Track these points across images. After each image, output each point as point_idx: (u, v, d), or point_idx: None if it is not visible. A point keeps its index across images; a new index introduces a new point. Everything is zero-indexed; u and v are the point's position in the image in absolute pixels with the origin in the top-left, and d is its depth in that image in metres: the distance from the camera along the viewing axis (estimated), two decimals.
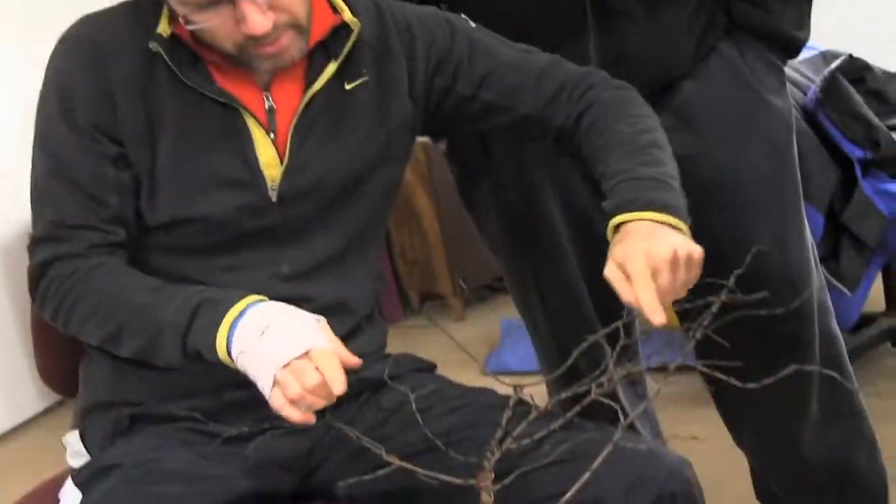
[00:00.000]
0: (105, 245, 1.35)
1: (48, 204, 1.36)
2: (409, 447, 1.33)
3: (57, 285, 1.34)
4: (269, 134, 1.37)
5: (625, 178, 1.35)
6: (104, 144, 1.34)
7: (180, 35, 1.33)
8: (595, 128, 1.45)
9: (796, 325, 1.68)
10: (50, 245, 1.35)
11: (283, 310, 1.25)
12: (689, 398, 2.55)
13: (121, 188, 1.36)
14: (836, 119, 2.38)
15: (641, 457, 1.30)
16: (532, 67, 1.48)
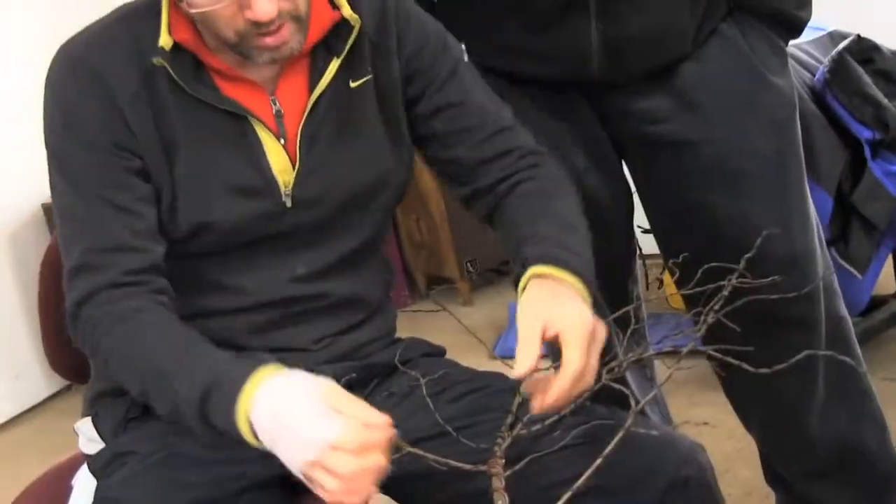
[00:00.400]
0: (139, 271, 1.32)
1: (79, 231, 1.33)
2: (420, 432, 1.33)
3: (89, 330, 1.31)
4: (279, 139, 1.36)
5: (557, 244, 1.33)
6: (127, 159, 1.32)
7: (182, 43, 1.31)
8: (531, 197, 1.42)
9: (802, 306, 1.68)
10: (83, 277, 1.31)
11: (287, 398, 1.17)
12: (698, 382, 2.55)
13: (150, 199, 1.34)
14: (844, 100, 2.37)
15: (654, 442, 1.30)
16: (494, 121, 1.46)
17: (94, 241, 1.32)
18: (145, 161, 1.33)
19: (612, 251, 1.78)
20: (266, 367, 1.20)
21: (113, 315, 1.29)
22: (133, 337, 1.28)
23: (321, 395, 1.16)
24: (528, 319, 1.21)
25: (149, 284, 1.32)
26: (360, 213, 1.44)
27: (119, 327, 1.29)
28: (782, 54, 1.68)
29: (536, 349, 1.18)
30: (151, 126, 1.32)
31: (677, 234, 1.70)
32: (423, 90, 1.44)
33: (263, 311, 1.41)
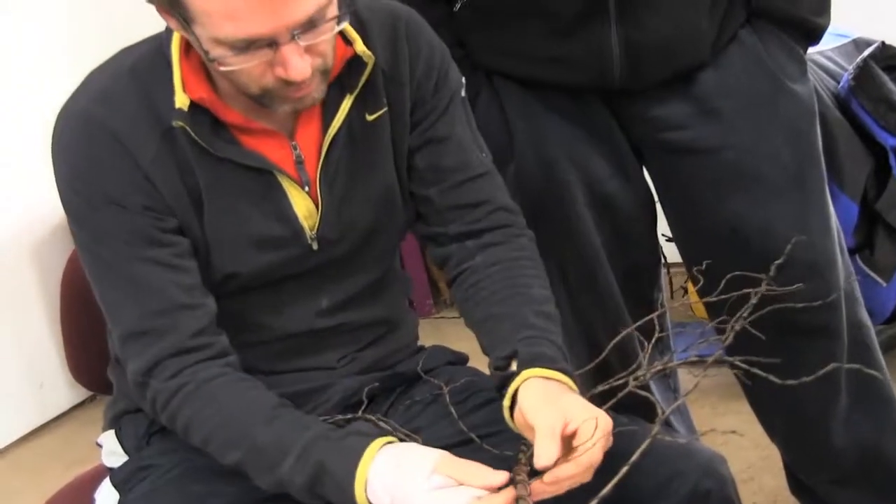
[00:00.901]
0: (200, 332, 1.30)
1: (127, 294, 1.30)
2: (443, 440, 1.33)
3: (162, 401, 1.29)
4: (302, 187, 1.35)
5: (542, 336, 1.32)
6: (163, 219, 1.30)
7: (200, 102, 1.28)
8: (501, 270, 1.40)
9: (823, 314, 1.66)
10: (144, 343, 1.29)
11: (401, 478, 1.16)
12: (721, 391, 2.54)
13: (191, 253, 1.32)
14: (869, 107, 2.35)
15: (676, 452, 1.29)
16: (471, 166, 1.43)
17: (147, 304, 1.29)
18: (178, 218, 1.31)
19: (635, 259, 1.78)
20: (372, 445, 1.19)
21: (187, 388, 1.28)
22: (213, 410, 1.27)
23: (433, 467, 1.15)
24: (549, 418, 1.18)
25: (213, 347, 1.30)
26: (380, 242, 1.44)
27: (196, 401, 1.27)
28: (801, 61, 1.67)
29: (558, 443, 1.16)
30: (178, 184, 1.30)
31: (699, 241, 1.69)
32: (421, 119, 1.42)
33: (287, 342, 1.42)
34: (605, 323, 1.73)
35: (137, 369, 1.30)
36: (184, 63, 1.29)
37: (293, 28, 1.18)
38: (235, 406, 1.27)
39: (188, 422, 1.28)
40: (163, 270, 1.29)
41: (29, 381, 3.34)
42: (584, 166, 1.67)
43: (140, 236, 1.29)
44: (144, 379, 1.30)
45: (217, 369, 1.29)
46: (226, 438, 1.26)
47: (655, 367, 1.26)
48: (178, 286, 1.30)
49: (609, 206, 1.71)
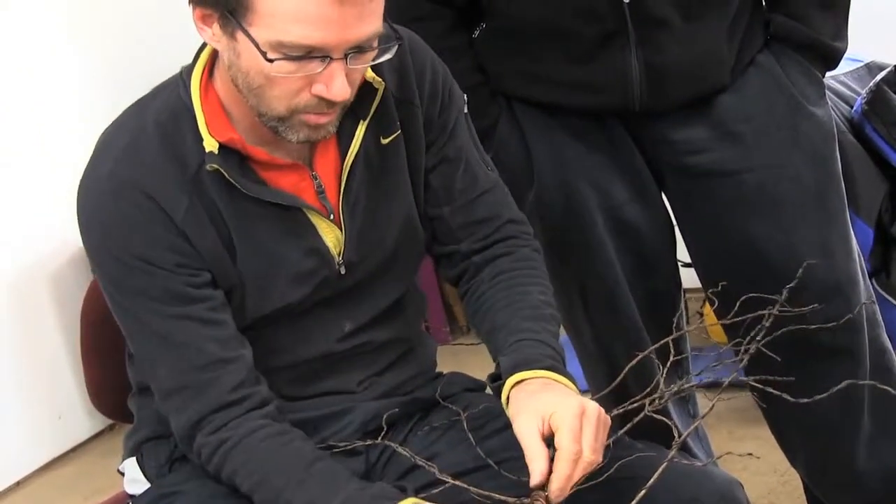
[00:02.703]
0: (240, 385, 1.31)
1: (165, 349, 1.31)
2: (461, 465, 1.34)
3: (207, 454, 1.32)
4: (328, 217, 1.36)
5: (529, 338, 1.34)
6: (197, 274, 1.31)
7: (228, 143, 1.29)
8: (503, 280, 1.43)
9: (845, 336, 1.67)
10: (187, 400, 1.31)
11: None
12: (739, 416, 2.53)
13: (225, 305, 1.33)
14: (882, 131, 2.35)
15: (693, 477, 1.30)
16: (480, 183, 1.46)
17: (185, 360, 1.31)
18: (213, 270, 1.32)
19: (656, 283, 1.78)
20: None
21: (227, 445, 1.30)
22: (251, 468, 1.29)
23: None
24: (524, 424, 1.21)
25: (252, 398, 1.32)
26: (402, 262, 1.45)
27: (236, 457, 1.30)
28: (820, 84, 1.68)
29: (543, 452, 1.18)
30: (212, 232, 1.31)
31: (719, 264, 1.70)
32: (433, 141, 1.43)
33: (308, 366, 1.42)
34: (626, 348, 1.73)
35: (180, 425, 1.33)
36: (205, 106, 1.30)
37: (351, 46, 1.20)
38: (272, 465, 1.28)
39: (231, 476, 1.31)
40: (198, 326, 1.31)
41: (48, 412, 3.34)
42: (603, 191, 1.68)
43: (174, 294, 1.30)
44: (189, 433, 1.32)
45: (256, 422, 1.31)
46: (265, 498, 1.28)
47: (672, 389, 1.26)
48: (214, 341, 1.31)
49: (629, 231, 1.71)
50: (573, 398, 1.22)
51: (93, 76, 3.36)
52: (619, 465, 1.23)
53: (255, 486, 1.29)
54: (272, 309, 1.37)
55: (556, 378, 1.28)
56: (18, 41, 3.21)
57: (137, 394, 1.51)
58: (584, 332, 1.81)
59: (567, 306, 1.77)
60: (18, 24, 3.22)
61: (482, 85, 1.66)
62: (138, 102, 1.36)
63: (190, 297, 1.30)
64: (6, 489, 3.20)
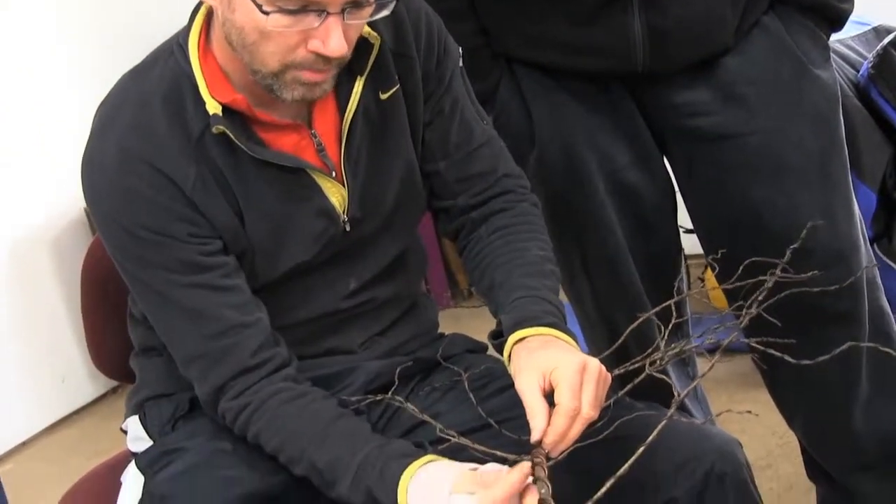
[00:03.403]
0: (260, 348, 1.32)
1: (184, 318, 1.32)
2: (462, 425, 1.34)
3: (231, 418, 1.34)
4: (330, 174, 1.36)
5: (529, 295, 1.34)
6: (208, 243, 1.31)
7: (231, 105, 1.28)
8: (502, 235, 1.43)
9: (846, 300, 1.67)
10: (209, 366, 1.33)
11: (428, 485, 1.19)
12: (738, 380, 2.55)
13: (238, 270, 1.34)
14: (889, 95, 2.34)
15: (692, 436, 1.31)
16: (475, 136, 1.45)
17: (204, 328, 1.32)
18: (223, 236, 1.32)
19: (657, 248, 1.78)
20: (403, 477, 1.21)
21: (250, 408, 1.32)
22: (274, 430, 1.31)
23: (451, 489, 1.17)
24: (525, 381, 1.22)
25: (273, 361, 1.33)
26: (404, 217, 1.45)
27: (259, 419, 1.32)
28: (825, 47, 1.67)
29: (544, 408, 1.19)
30: (221, 201, 1.31)
31: (721, 229, 1.69)
32: (430, 94, 1.43)
33: (314, 323, 1.43)
34: (627, 313, 1.73)
35: (204, 391, 1.34)
36: (205, 70, 1.29)
37: (348, 1, 1.19)
38: (293, 427, 1.30)
39: (256, 437, 1.33)
40: (214, 293, 1.31)
41: (51, 375, 3.36)
42: (605, 154, 1.68)
43: (188, 264, 1.30)
44: (212, 399, 1.34)
45: (278, 385, 1.32)
46: (290, 457, 1.30)
47: (672, 348, 1.26)
48: (231, 307, 1.32)
49: (630, 195, 1.71)
50: (574, 354, 1.23)
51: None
52: (620, 424, 1.24)
53: (280, 446, 1.31)
54: (282, 271, 1.37)
55: (557, 335, 1.29)
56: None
57: (139, 354, 1.52)
58: (584, 297, 1.82)
59: (568, 270, 1.77)
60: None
61: (483, 47, 1.65)
62: (136, 72, 1.35)
63: (204, 266, 1.31)
64: (10, 450, 3.23)
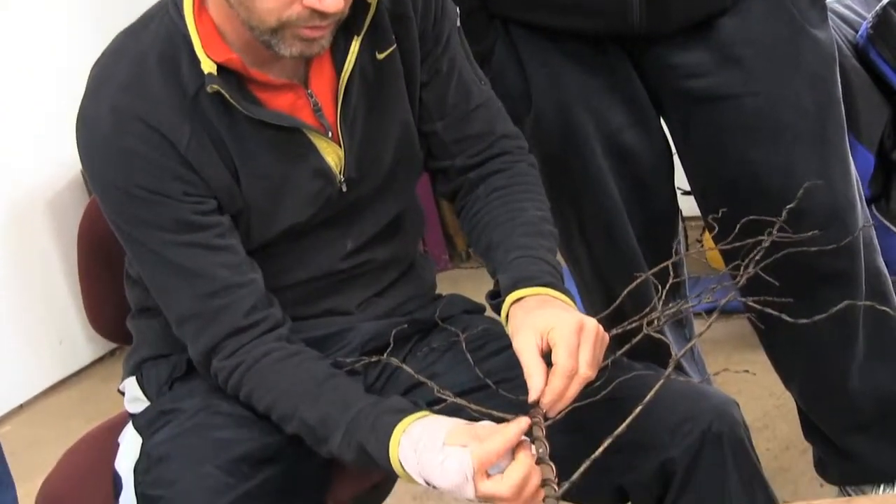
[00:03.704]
0: (254, 308, 1.32)
1: (178, 278, 1.32)
2: (460, 386, 1.35)
3: (224, 378, 1.34)
4: (326, 134, 1.36)
5: (527, 255, 1.34)
6: (203, 202, 1.31)
7: (226, 64, 1.28)
8: (499, 196, 1.43)
9: (842, 260, 1.67)
10: (202, 326, 1.33)
11: (423, 436, 1.19)
12: (735, 342, 2.56)
13: (232, 230, 1.34)
14: (887, 56, 2.33)
15: (689, 396, 1.31)
16: (473, 96, 1.45)
17: (198, 288, 1.31)
18: (218, 196, 1.32)
19: (654, 210, 1.78)
20: (394, 433, 1.21)
21: (242, 367, 1.32)
22: (266, 388, 1.31)
23: (444, 440, 1.17)
24: (523, 341, 1.22)
25: (266, 321, 1.34)
26: (401, 178, 1.45)
27: (251, 379, 1.32)
28: (822, 7, 1.67)
29: (541, 368, 1.19)
30: (215, 159, 1.31)
31: (718, 190, 1.69)
32: (427, 54, 1.42)
33: (311, 284, 1.43)
34: (623, 274, 1.72)
35: (197, 351, 1.34)
36: (199, 28, 1.28)
37: None
38: (285, 385, 1.31)
39: (248, 398, 1.33)
40: (208, 253, 1.31)
41: (49, 337, 3.37)
42: (602, 116, 1.67)
43: (182, 223, 1.30)
44: (205, 359, 1.34)
45: (270, 345, 1.33)
46: (281, 414, 1.30)
47: (669, 308, 1.26)
48: (225, 266, 1.32)
49: (627, 157, 1.71)
50: (571, 314, 1.23)
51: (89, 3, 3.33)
52: (617, 385, 1.24)
53: (272, 404, 1.31)
54: (278, 231, 1.37)
55: (555, 294, 1.29)
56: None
57: (136, 315, 1.52)
58: (581, 260, 1.82)
59: (565, 233, 1.77)
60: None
61: (479, 9, 1.64)
62: (130, 31, 1.34)
63: (198, 225, 1.31)
64: (8, 413, 3.24)
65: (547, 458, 1.13)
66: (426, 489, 1.20)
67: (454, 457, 1.14)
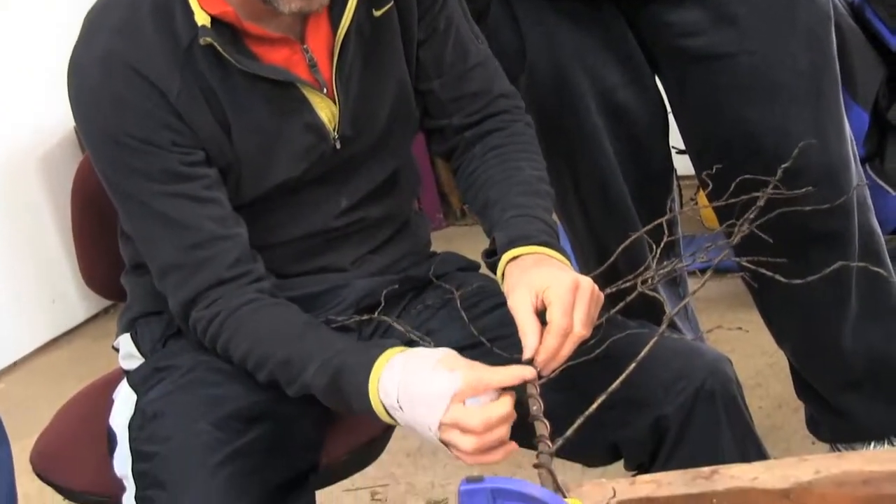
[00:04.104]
0: (237, 262, 1.32)
1: (162, 228, 1.32)
2: (454, 343, 1.34)
3: (202, 328, 1.34)
4: (321, 90, 1.35)
5: (523, 214, 1.33)
6: (191, 153, 1.30)
7: (221, 16, 1.27)
8: (496, 155, 1.42)
9: (836, 219, 1.68)
10: (184, 276, 1.32)
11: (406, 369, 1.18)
12: (730, 300, 2.56)
13: (219, 183, 1.33)
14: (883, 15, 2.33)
15: (682, 353, 1.31)
16: (471, 55, 1.44)
17: (183, 239, 1.31)
18: (207, 148, 1.32)
19: (649, 169, 1.78)
20: (388, 350, 1.21)
21: (221, 316, 1.32)
22: (244, 334, 1.31)
23: (438, 358, 1.17)
24: (518, 299, 1.21)
25: (249, 275, 1.33)
26: (397, 136, 1.45)
27: (230, 326, 1.31)
28: None
29: (536, 327, 1.18)
30: (206, 111, 1.30)
31: (713, 149, 1.69)
32: (425, 11, 1.42)
33: (305, 241, 1.43)
34: (618, 233, 1.73)
35: (177, 302, 1.34)
36: None
37: None
38: (266, 328, 1.31)
39: (226, 346, 1.33)
40: (194, 204, 1.31)
41: (41, 295, 3.37)
42: (597, 74, 1.67)
43: (169, 173, 1.30)
44: (185, 310, 1.34)
45: (250, 294, 1.32)
46: (259, 358, 1.30)
47: (664, 266, 1.26)
48: (210, 219, 1.31)
49: (622, 115, 1.70)
50: (567, 273, 1.23)
51: None
52: (611, 343, 1.24)
53: (249, 349, 1.31)
54: (270, 186, 1.36)
55: (551, 253, 1.29)
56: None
57: (130, 271, 1.52)
58: (575, 218, 1.82)
59: (559, 191, 1.76)
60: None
61: None
62: None
63: (185, 176, 1.30)
64: (1, 371, 3.24)
65: (541, 415, 1.13)
66: (419, 447, 1.20)
67: (444, 375, 1.13)
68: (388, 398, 1.18)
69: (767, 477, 1.09)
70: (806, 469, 1.09)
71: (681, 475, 1.12)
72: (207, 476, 1.24)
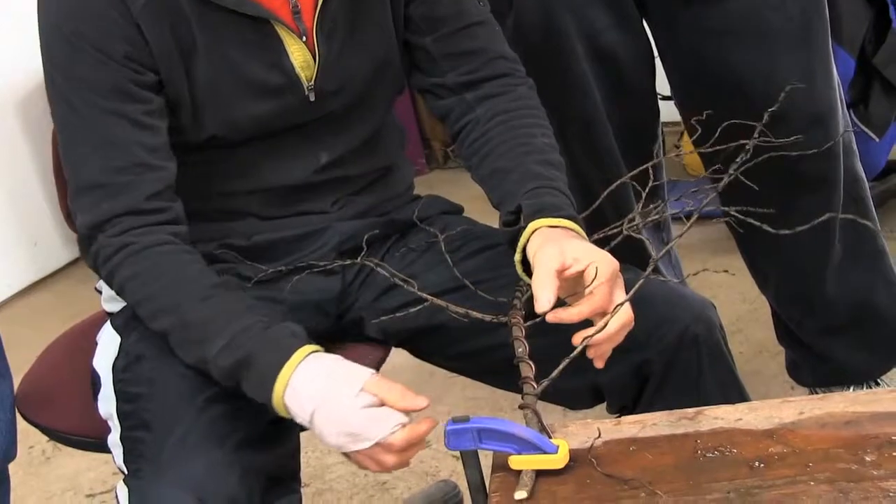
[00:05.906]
0: (157, 195, 1.29)
1: (91, 145, 1.28)
2: (438, 286, 1.35)
3: (105, 256, 1.29)
4: (300, 37, 1.33)
5: (546, 185, 1.30)
6: (140, 72, 1.27)
7: None
8: (503, 121, 1.39)
9: (823, 163, 1.68)
10: (99, 198, 1.28)
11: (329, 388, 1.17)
12: (714, 247, 2.57)
13: (163, 113, 1.31)
14: None
15: (666, 298, 1.32)
16: (467, 13, 1.41)
17: (109, 159, 1.28)
18: (161, 72, 1.29)
19: (634, 113, 1.77)
20: (302, 349, 1.19)
21: (130, 248, 1.28)
22: (152, 276, 1.27)
23: (363, 385, 1.16)
24: (548, 253, 1.18)
25: (166, 212, 1.30)
26: (378, 95, 1.43)
27: (136, 263, 1.27)
28: None
29: (555, 283, 1.16)
30: (168, 34, 1.28)
31: (700, 93, 1.69)
32: None
33: (285, 190, 1.42)
34: (602, 177, 1.73)
35: (87, 222, 1.30)
36: None
37: None
38: (174, 277, 1.27)
39: (125, 281, 1.29)
40: (131, 127, 1.28)
41: (23, 239, 3.35)
42: (584, 17, 1.65)
43: (115, 88, 1.27)
44: (92, 232, 1.30)
45: (164, 236, 1.29)
46: (159, 306, 1.27)
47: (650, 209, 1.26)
48: (142, 146, 1.29)
49: (608, 59, 1.69)
50: (598, 255, 1.19)
51: None
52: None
53: (150, 294, 1.28)
54: (235, 121, 1.34)
55: (578, 230, 1.26)
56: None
57: None
58: None
59: None
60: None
61: None
62: None
63: (130, 95, 1.28)
64: None
65: (526, 357, 1.14)
66: None
67: (392, 414, 1.14)
68: (302, 412, 1.17)
69: (751, 418, 1.10)
70: (789, 410, 1.10)
71: (665, 416, 1.13)
72: (193, 416, 1.24)
